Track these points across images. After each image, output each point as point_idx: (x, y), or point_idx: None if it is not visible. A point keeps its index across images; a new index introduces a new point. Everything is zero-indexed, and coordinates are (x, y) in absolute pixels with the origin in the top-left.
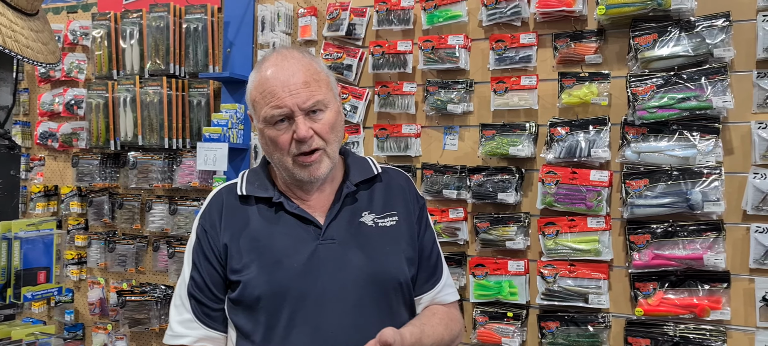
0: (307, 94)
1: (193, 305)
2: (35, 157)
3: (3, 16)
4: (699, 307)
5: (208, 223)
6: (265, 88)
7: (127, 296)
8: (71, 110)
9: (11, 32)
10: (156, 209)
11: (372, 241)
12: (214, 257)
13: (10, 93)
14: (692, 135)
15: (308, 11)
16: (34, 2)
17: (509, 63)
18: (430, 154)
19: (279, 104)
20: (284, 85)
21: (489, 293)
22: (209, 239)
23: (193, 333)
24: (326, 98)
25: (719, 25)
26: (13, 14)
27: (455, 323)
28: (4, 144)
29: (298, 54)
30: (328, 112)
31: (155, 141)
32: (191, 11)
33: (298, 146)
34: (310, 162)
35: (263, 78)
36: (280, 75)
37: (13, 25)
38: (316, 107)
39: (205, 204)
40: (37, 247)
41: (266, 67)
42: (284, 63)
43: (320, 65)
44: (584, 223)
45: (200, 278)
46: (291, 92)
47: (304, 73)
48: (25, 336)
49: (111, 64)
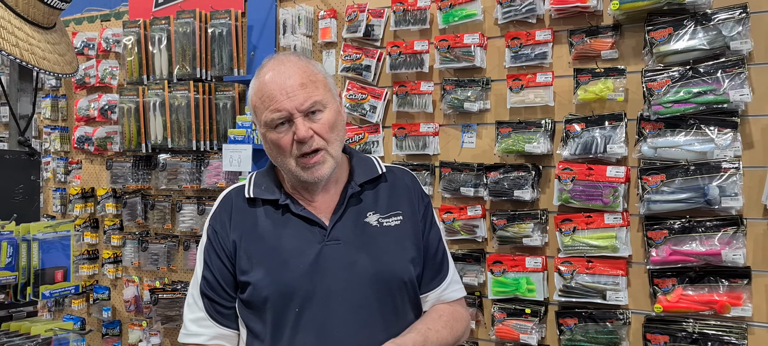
0: (305, 96)
1: (205, 303)
2: (73, 161)
3: (20, 30)
4: (719, 303)
5: (218, 223)
6: (263, 93)
7: (159, 293)
8: (105, 115)
9: (28, 45)
10: (186, 209)
11: (377, 241)
12: (225, 256)
13: (30, 102)
14: (709, 129)
15: (328, 13)
16: (50, 16)
17: (525, 60)
18: (448, 152)
19: (278, 107)
20: (281, 88)
21: (507, 289)
22: (219, 238)
23: (207, 332)
24: (324, 99)
25: (736, 16)
26: (30, 28)
27: (460, 323)
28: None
29: (294, 57)
30: (326, 112)
31: (184, 143)
32: (216, 16)
33: (300, 147)
34: (312, 163)
35: (262, 83)
36: (278, 79)
37: (30, 38)
38: (315, 108)
39: (215, 205)
40: (56, 247)
41: (264, 72)
42: (281, 67)
43: (317, 67)
44: (601, 219)
45: (212, 276)
46: (288, 95)
47: (301, 75)
48: (44, 332)
49: (141, 70)
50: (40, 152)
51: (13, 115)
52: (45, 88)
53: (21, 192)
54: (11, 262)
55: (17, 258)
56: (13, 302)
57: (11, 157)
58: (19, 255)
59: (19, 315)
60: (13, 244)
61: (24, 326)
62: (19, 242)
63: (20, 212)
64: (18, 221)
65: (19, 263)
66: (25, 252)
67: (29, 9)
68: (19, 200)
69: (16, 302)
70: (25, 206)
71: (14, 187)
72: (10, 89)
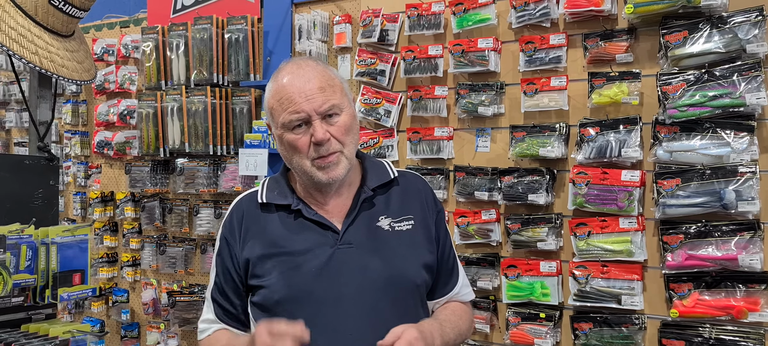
0: (323, 99)
1: (215, 307)
2: (93, 165)
3: (40, 39)
4: (736, 309)
5: (228, 232)
6: (282, 96)
7: (177, 296)
8: (124, 120)
9: (47, 53)
10: (203, 213)
11: (388, 245)
12: (232, 267)
13: (49, 109)
14: (726, 133)
15: (343, 19)
16: (69, 25)
17: (539, 64)
18: (462, 157)
19: (297, 109)
20: (300, 91)
21: (521, 293)
22: (229, 248)
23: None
24: (341, 103)
25: (752, 19)
26: (49, 36)
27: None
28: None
29: (312, 62)
30: (343, 115)
31: (201, 148)
32: (233, 22)
33: (317, 149)
34: (327, 163)
35: (280, 86)
36: (297, 82)
37: (50, 46)
38: (332, 111)
39: (227, 212)
40: (74, 251)
41: (282, 75)
42: (299, 71)
43: (333, 72)
44: (616, 223)
45: (221, 283)
46: (307, 97)
47: (319, 79)
48: (61, 334)
49: (159, 75)
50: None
51: (33, 122)
52: (66, 93)
53: (40, 196)
54: (30, 265)
55: (36, 261)
56: (32, 305)
57: (31, 163)
58: (38, 258)
59: (38, 317)
60: (33, 247)
61: (42, 327)
62: (39, 245)
63: (39, 216)
64: (37, 225)
65: (38, 266)
66: (44, 255)
67: (49, 18)
68: (39, 204)
69: (35, 304)
70: (45, 210)
71: (34, 191)
72: (30, 96)
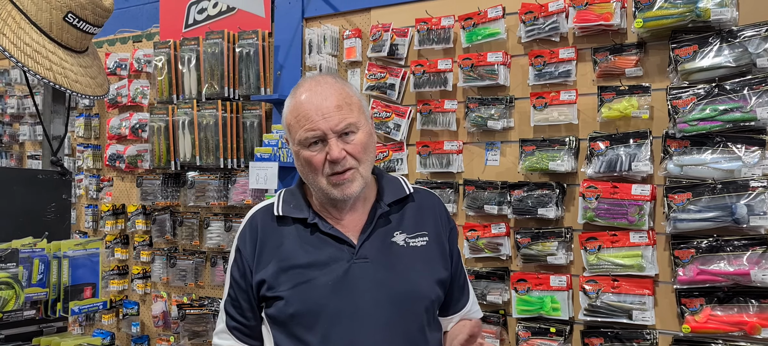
0: (340, 118)
1: (227, 319)
2: (105, 178)
3: (54, 55)
4: (749, 325)
5: (242, 244)
6: (299, 113)
7: (186, 309)
8: (136, 133)
9: (61, 69)
10: (213, 226)
11: (403, 260)
12: (244, 281)
13: (63, 124)
14: (737, 147)
15: (353, 33)
16: (83, 41)
17: (549, 78)
18: (472, 170)
19: (313, 127)
20: (318, 109)
21: (531, 308)
22: (243, 261)
23: (225, 344)
24: (358, 121)
25: (762, 33)
26: (63, 52)
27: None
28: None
29: (331, 79)
30: (359, 133)
31: (211, 161)
32: (244, 37)
33: (332, 167)
34: (343, 180)
35: (298, 103)
36: (314, 99)
37: (64, 62)
38: (349, 129)
39: (242, 224)
40: (85, 265)
41: (301, 92)
42: (318, 88)
43: (352, 90)
44: (626, 238)
45: (234, 295)
46: (324, 116)
47: (337, 97)
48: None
49: (171, 89)
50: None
51: (47, 136)
52: (79, 107)
53: (53, 210)
54: (43, 278)
55: (48, 275)
56: (43, 318)
57: (44, 177)
58: (50, 272)
59: (50, 330)
60: (45, 261)
61: (53, 341)
62: (50, 259)
63: (52, 229)
64: (49, 239)
65: (50, 280)
66: (55, 269)
67: (63, 34)
68: (51, 218)
69: (46, 317)
70: (57, 223)
71: (46, 205)
72: (44, 111)
